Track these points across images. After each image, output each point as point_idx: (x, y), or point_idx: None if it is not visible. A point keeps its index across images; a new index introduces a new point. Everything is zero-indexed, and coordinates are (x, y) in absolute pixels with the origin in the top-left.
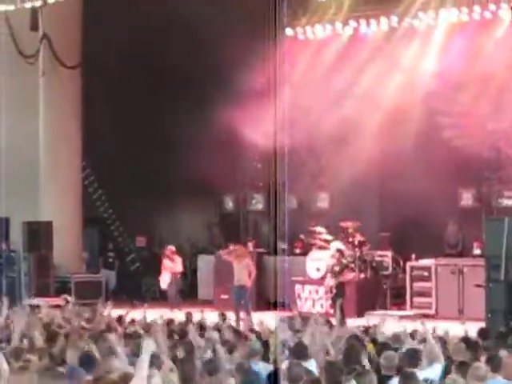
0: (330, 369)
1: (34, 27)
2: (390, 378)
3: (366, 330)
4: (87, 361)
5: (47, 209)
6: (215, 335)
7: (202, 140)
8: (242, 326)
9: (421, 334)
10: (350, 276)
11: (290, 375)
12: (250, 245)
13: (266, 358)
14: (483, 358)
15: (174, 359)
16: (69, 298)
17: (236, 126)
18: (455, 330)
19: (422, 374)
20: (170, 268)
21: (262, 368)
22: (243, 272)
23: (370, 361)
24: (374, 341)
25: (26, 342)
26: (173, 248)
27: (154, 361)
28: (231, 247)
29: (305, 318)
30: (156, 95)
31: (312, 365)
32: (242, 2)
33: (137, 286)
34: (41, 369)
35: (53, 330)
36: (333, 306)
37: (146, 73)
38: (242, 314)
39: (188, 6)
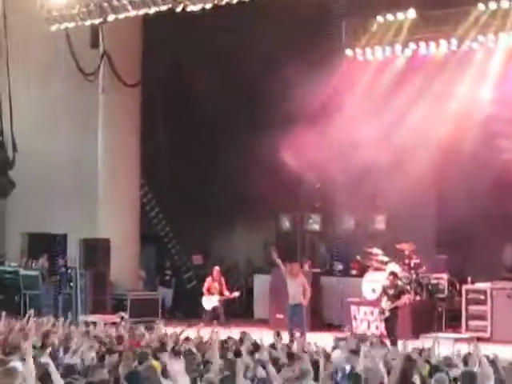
0: None
1: (94, 44)
2: None
3: (421, 352)
4: (134, 378)
5: (105, 226)
6: (266, 355)
7: (261, 160)
8: (295, 346)
9: (474, 357)
10: (406, 301)
11: None
12: (306, 265)
13: (316, 379)
14: None
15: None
16: (124, 316)
17: (295, 148)
18: (510, 353)
19: None
20: (218, 290)
21: None
22: (298, 290)
23: (424, 383)
24: (428, 362)
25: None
26: (218, 268)
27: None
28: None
29: (359, 339)
30: (215, 114)
31: None
32: (304, 23)
33: (193, 305)
34: None
35: (107, 348)
36: (385, 328)
37: (206, 93)
38: (297, 334)
39: (251, 27)
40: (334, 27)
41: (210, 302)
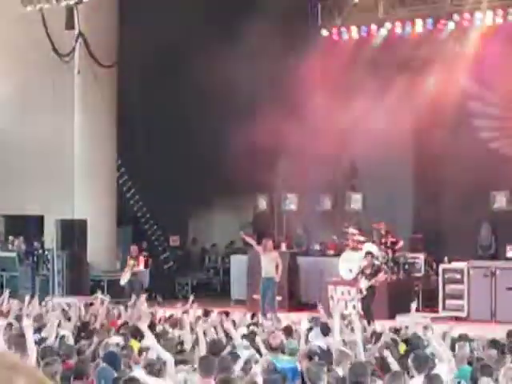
0: (355, 369)
1: (70, 26)
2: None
3: (397, 331)
4: (113, 359)
5: (81, 207)
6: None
7: (237, 142)
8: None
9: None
10: (382, 278)
11: (310, 375)
12: (284, 245)
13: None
14: (509, 359)
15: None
16: (101, 296)
17: (271, 129)
18: (486, 332)
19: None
20: (131, 267)
21: (286, 362)
22: (270, 265)
23: (401, 361)
24: (405, 341)
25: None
26: (136, 247)
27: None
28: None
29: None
30: (191, 96)
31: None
32: (280, 4)
33: (170, 285)
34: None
35: (84, 328)
36: (362, 307)
37: (182, 73)
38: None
39: (224, 5)
40: (309, 7)
41: (123, 278)
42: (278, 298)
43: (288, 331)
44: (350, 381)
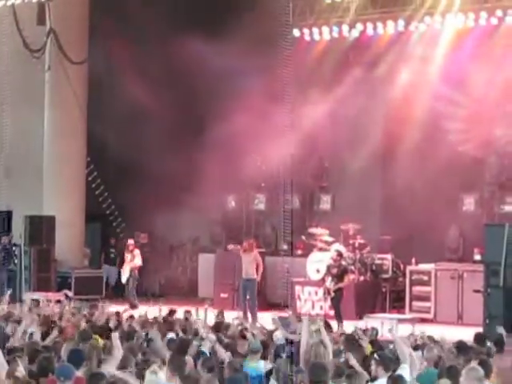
0: (314, 369)
1: (41, 21)
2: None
3: (365, 331)
4: (76, 357)
5: (50, 203)
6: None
7: (206, 140)
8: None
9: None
10: (349, 280)
11: (280, 375)
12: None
13: (265, 357)
14: (475, 362)
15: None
16: (69, 293)
17: (240, 128)
18: (453, 334)
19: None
20: (129, 262)
21: (251, 369)
22: (250, 265)
23: (366, 362)
24: (371, 343)
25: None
26: (132, 241)
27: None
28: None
29: (300, 319)
30: (164, 91)
31: None
32: (251, 3)
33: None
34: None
35: (49, 326)
36: (332, 308)
37: (155, 69)
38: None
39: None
40: (281, 7)
41: (123, 275)
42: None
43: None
44: (310, 381)
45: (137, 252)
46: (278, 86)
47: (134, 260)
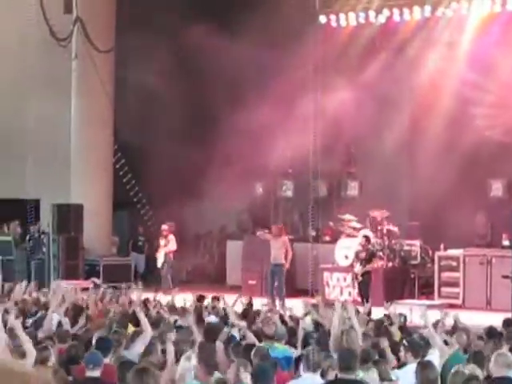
0: (344, 355)
1: (68, 10)
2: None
3: (389, 317)
4: (104, 344)
5: (78, 191)
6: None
7: (233, 128)
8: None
9: (443, 323)
10: (377, 264)
11: (309, 362)
12: None
13: (291, 344)
14: (505, 348)
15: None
16: (97, 281)
17: (267, 115)
18: (481, 320)
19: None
20: (163, 247)
21: (280, 351)
22: (279, 251)
23: (395, 348)
24: (401, 328)
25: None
26: (166, 227)
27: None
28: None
29: (329, 305)
30: (191, 81)
31: None
32: None
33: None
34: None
35: (78, 313)
36: (359, 292)
37: (179, 56)
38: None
39: None
40: None
41: (159, 261)
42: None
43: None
44: (340, 367)
45: (171, 237)
46: (305, 72)
47: (168, 245)
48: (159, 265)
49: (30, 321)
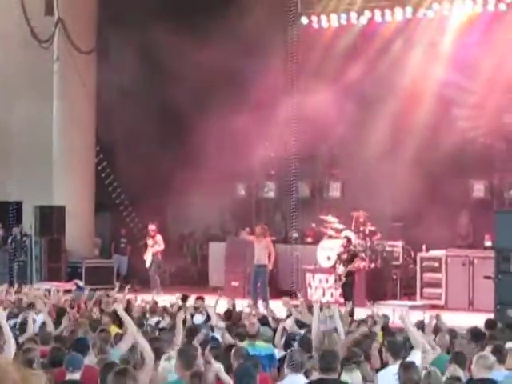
0: (326, 356)
1: (49, 11)
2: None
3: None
4: (82, 345)
5: (60, 193)
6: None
7: (215, 129)
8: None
9: (427, 324)
10: (359, 264)
11: (292, 363)
12: None
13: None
14: (488, 349)
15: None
16: (80, 283)
17: (249, 117)
18: (464, 321)
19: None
20: (151, 247)
21: (262, 349)
22: (262, 252)
23: (379, 349)
24: (383, 329)
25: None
26: (153, 227)
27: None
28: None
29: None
30: (172, 82)
31: None
32: None
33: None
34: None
35: (60, 315)
36: (342, 294)
37: (163, 59)
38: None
39: None
40: None
41: (147, 260)
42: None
43: (264, 320)
44: (321, 368)
45: (159, 237)
46: (286, 73)
47: (155, 245)
48: (147, 264)
49: (11, 322)
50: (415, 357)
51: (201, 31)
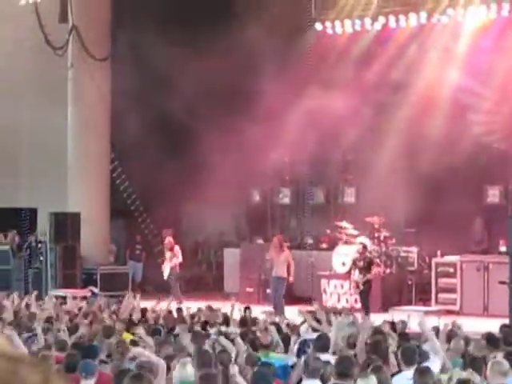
0: (342, 361)
1: (63, 19)
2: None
3: (392, 324)
4: (91, 352)
5: (75, 200)
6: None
7: (229, 135)
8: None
9: (442, 330)
10: (375, 271)
11: (308, 368)
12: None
13: (287, 352)
14: (500, 354)
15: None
16: (95, 290)
17: (264, 123)
18: (479, 326)
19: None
20: (169, 260)
21: (276, 360)
22: (282, 265)
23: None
24: (400, 335)
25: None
26: (170, 239)
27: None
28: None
29: (328, 313)
30: (187, 92)
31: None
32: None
33: (164, 279)
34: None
35: (76, 322)
36: (360, 301)
37: (179, 62)
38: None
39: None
40: (303, 1)
41: (165, 273)
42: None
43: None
44: (337, 373)
45: (177, 248)
46: (301, 79)
47: (173, 258)
48: (165, 277)
49: (24, 336)
50: (434, 364)
51: (219, 31)
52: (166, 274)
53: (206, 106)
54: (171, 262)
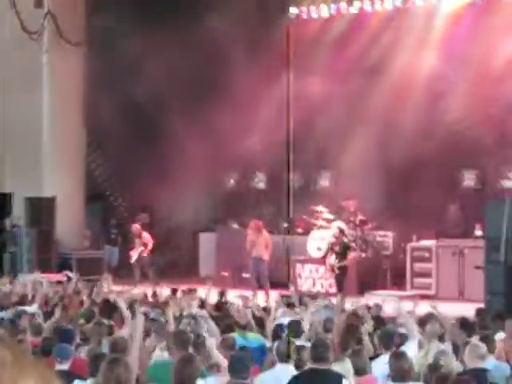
0: (318, 346)
1: (39, 4)
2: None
3: (369, 308)
4: (67, 336)
5: (50, 184)
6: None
7: (205, 120)
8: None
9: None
10: (352, 257)
11: (278, 352)
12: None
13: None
14: (476, 338)
15: None
16: (70, 275)
17: (239, 107)
18: (454, 310)
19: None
20: (138, 246)
21: (254, 339)
22: (261, 246)
23: (371, 338)
24: (375, 319)
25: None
26: (137, 225)
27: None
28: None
29: (302, 297)
30: (162, 72)
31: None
32: None
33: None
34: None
35: (52, 306)
36: (335, 285)
37: (153, 49)
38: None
39: None
40: None
41: (133, 257)
42: (247, 276)
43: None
44: (313, 358)
45: (145, 234)
46: (277, 64)
47: (142, 245)
48: (132, 261)
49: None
50: (410, 347)
51: (189, 19)
52: (133, 259)
53: (179, 92)
54: (138, 250)
